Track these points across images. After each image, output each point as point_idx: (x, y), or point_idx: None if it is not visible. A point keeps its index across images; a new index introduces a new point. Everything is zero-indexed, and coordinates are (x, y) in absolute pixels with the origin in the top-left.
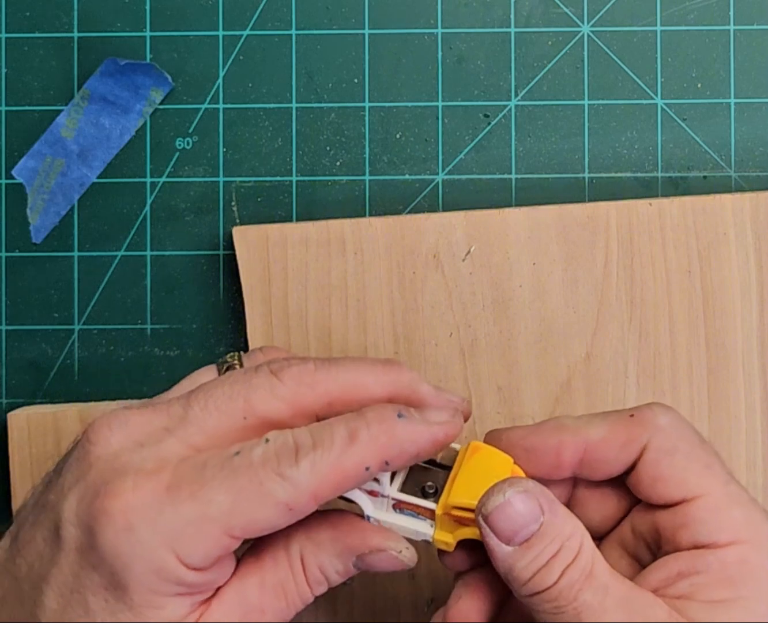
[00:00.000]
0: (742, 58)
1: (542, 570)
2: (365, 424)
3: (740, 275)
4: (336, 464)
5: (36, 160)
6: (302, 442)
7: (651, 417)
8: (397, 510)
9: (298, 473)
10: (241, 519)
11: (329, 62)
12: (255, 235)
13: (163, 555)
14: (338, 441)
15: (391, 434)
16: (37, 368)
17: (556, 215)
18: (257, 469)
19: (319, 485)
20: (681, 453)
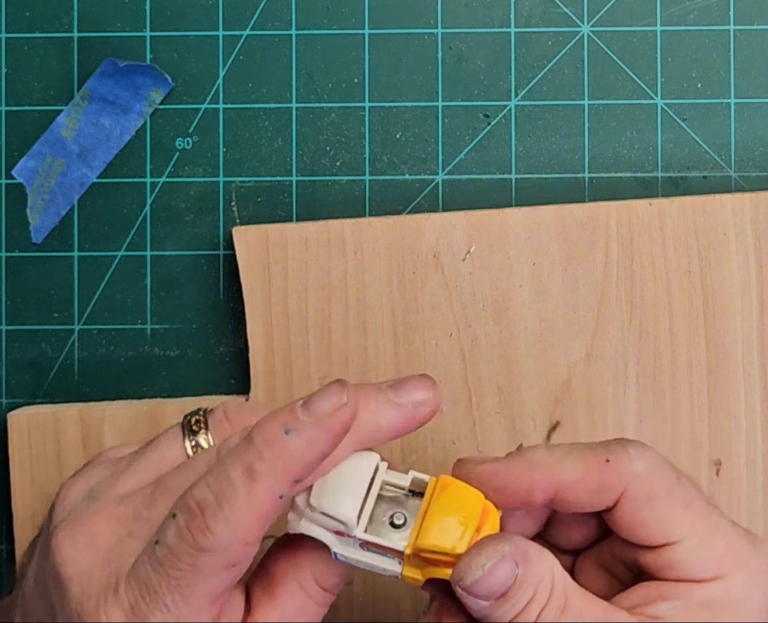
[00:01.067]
0: (742, 58)
1: (519, 615)
2: (258, 454)
3: (740, 275)
4: (247, 510)
5: (36, 160)
6: (205, 501)
7: (627, 463)
8: (364, 547)
9: (215, 538)
10: (199, 602)
11: (329, 62)
12: (255, 235)
13: None
14: (239, 485)
15: (287, 455)
16: (37, 368)
17: (556, 215)
18: (179, 553)
19: (244, 534)
20: (659, 497)
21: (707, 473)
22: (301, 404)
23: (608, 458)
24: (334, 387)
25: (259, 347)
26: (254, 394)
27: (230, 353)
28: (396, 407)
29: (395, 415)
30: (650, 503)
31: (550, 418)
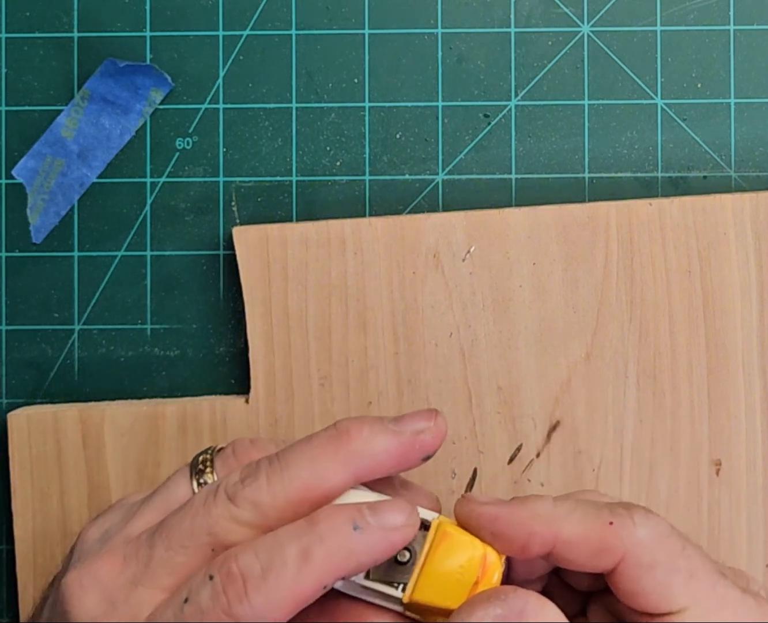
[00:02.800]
0: (742, 58)
1: None
2: (318, 540)
3: (740, 275)
4: (291, 590)
5: (36, 160)
6: (249, 570)
7: (630, 528)
8: (367, 581)
9: (252, 610)
10: None
11: (329, 62)
12: (255, 235)
13: None
14: (291, 564)
15: (347, 550)
16: (37, 368)
17: (556, 215)
18: (210, 617)
19: (278, 612)
20: (661, 567)
21: (707, 473)
22: (368, 507)
23: (612, 521)
24: (404, 504)
25: (259, 347)
26: (254, 394)
27: (230, 353)
28: (393, 433)
29: (391, 442)
30: (651, 572)
31: (550, 418)
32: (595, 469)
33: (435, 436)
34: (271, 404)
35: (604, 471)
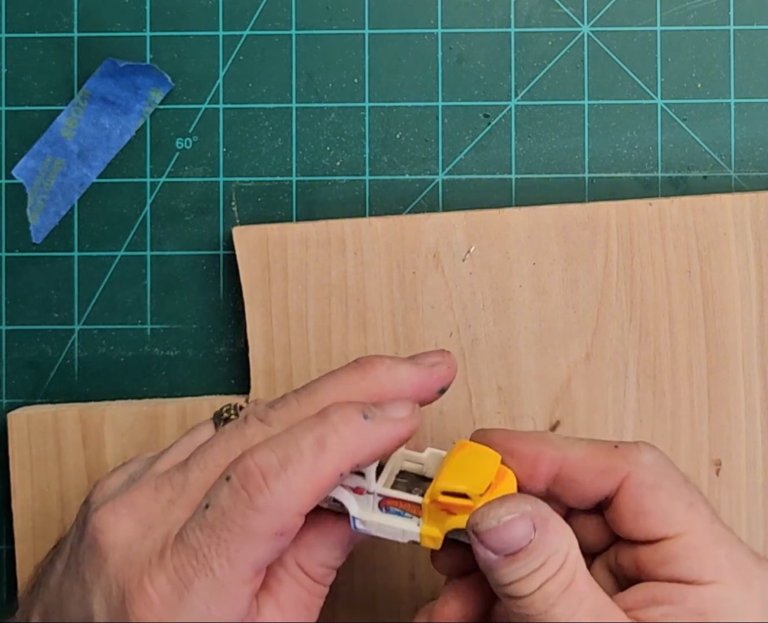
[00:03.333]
0: (742, 58)
1: (523, 579)
2: (332, 429)
3: (740, 275)
4: (310, 478)
5: (36, 160)
6: (267, 464)
7: (635, 452)
8: (383, 508)
9: (273, 500)
10: (244, 570)
11: (329, 62)
12: (255, 235)
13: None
14: (307, 453)
15: (360, 437)
16: (37, 368)
17: (556, 215)
18: (231, 514)
19: (299, 501)
20: (664, 490)
21: (707, 473)
22: (373, 403)
23: (617, 446)
24: (406, 401)
25: (259, 347)
26: (254, 394)
27: (230, 353)
28: (412, 364)
29: (411, 370)
30: (654, 492)
31: (550, 418)
32: None
33: (450, 367)
34: None
35: None
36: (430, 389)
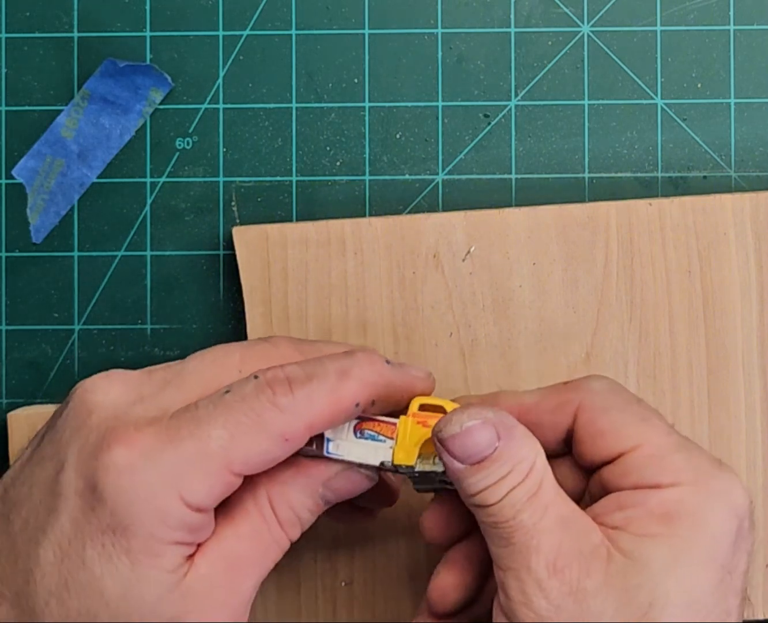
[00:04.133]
0: (742, 58)
1: (489, 488)
2: (357, 363)
3: (740, 275)
4: (331, 396)
5: (36, 160)
6: (295, 375)
7: (584, 383)
8: (357, 432)
9: (294, 402)
10: (240, 452)
11: (329, 62)
12: (255, 235)
13: (166, 495)
14: (332, 375)
15: (381, 375)
16: (37, 368)
17: (556, 215)
18: (251, 402)
19: (315, 415)
20: (616, 409)
21: None
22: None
23: (567, 381)
24: (423, 367)
25: None
26: None
27: None
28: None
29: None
30: (606, 414)
31: None
32: None
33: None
34: None
35: None
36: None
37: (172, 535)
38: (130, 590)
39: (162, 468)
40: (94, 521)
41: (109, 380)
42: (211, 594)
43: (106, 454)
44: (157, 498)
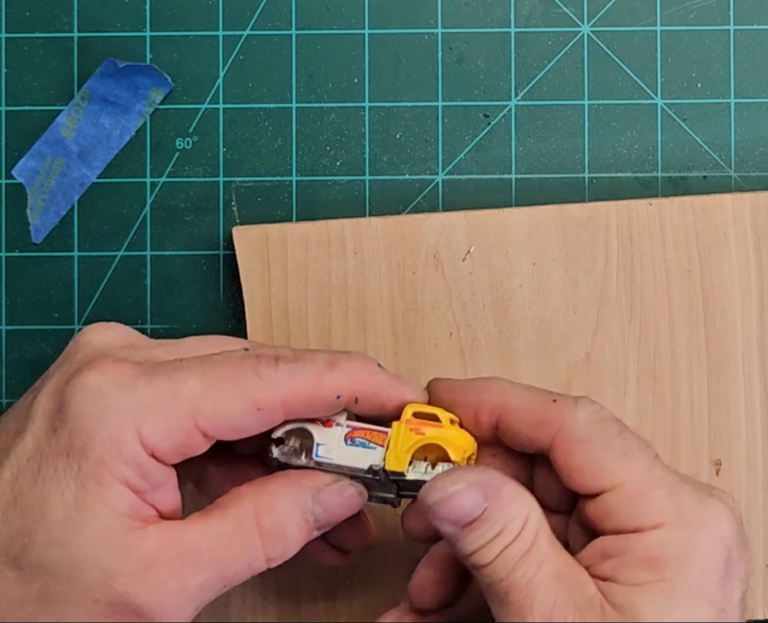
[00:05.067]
0: (742, 58)
1: (481, 549)
2: (347, 358)
3: (740, 275)
4: (313, 380)
5: (36, 160)
6: (284, 354)
7: (570, 406)
8: (348, 440)
9: (275, 375)
10: (210, 406)
11: (329, 62)
12: (255, 235)
13: (125, 425)
14: (320, 362)
15: (370, 374)
16: (37, 368)
17: (556, 215)
18: (235, 364)
19: (293, 393)
20: (595, 443)
21: (707, 473)
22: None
23: (555, 399)
24: (418, 383)
25: None
26: None
27: None
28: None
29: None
30: (585, 447)
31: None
32: None
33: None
34: None
35: None
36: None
37: (122, 470)
38: (71, 518)
39: (128, 397)
40: (53, 442)
41: (106, 326)
42: (150, 568)
43: (78, 377)
44: (115, 424)
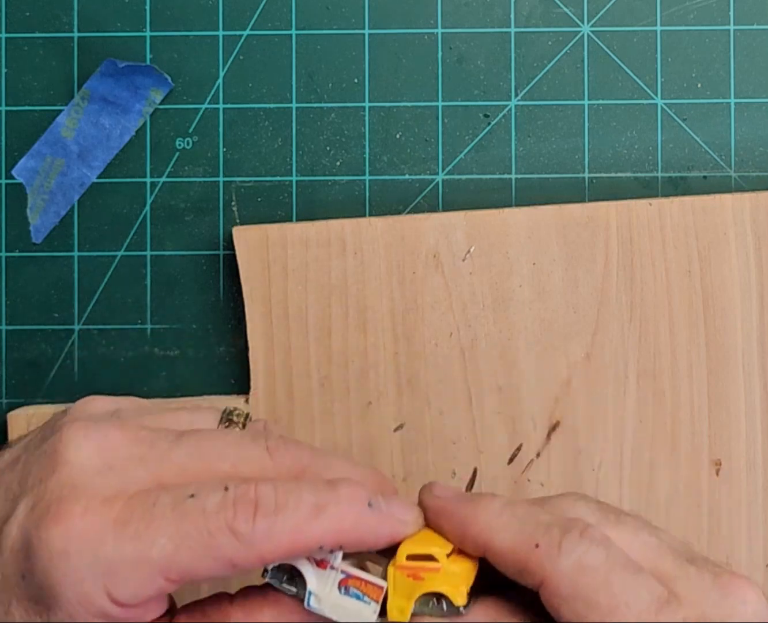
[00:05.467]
0: (742, 58)
1: None
2: (336, 501)
3: (740, 275)
4: (293, 533)
5: (36, 160)
6: (264, 500)
7: (553, 555)
8: (342, 588)
9: (252, 533)
10: (181, 566)
11: (329, 62)
12: (255, 235)
13: (91, 587)
14: (303, 509)
15: (357, 522)
16: (37, 368)
17: (556, 215)
18: (209, 518)
19: (270, 550)
20: (579, 601)
21: (707, 473)
22: (382, 495)
23: (538, 544)
24: (413, 505)
25: (259, 347)
26: (254, 394)
27: (230, 353)
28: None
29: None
30: (569, 603)
31: (550, 418)
32: (595, 469)
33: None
34: (271, 404)
35: (604, 471)
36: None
37: (94, 619)
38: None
39: (95, 561)
40: (22, 585)
41: (86, 439)
42: None
43: (46, 531)
44: (82, 587)
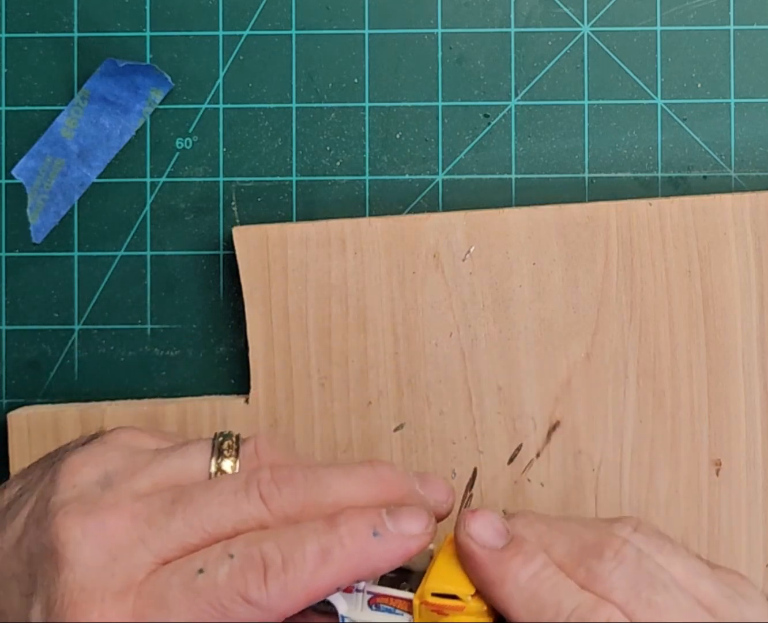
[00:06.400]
0: (742, 58)
1: None
2: (338, 541)
3: (740, 275)
4: (307, 586)
5: (36, 160)
6: (271, 559)
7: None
8: (372, 606)
9: (266, 598)
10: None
11: (329, 62)
12: (255, 235)
13: None
14: (310, 560)
15: (365, 554)
16: (37, 368)
17: (556, 215)
18: (222, 592)
19: (289, 605)
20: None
21: (707, 473)
22: (387, 513)
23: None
24: (423, 512)
25: (259, 347)
26: (254, 394)
27: (230, 353)
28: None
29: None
30: None
31: (550, 418)
32: (595, 469)
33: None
34: (271, 404)
35: (604, 471)
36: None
37: None
38: None
39: None
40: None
41: (84, 535)
42: None
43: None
44: None
